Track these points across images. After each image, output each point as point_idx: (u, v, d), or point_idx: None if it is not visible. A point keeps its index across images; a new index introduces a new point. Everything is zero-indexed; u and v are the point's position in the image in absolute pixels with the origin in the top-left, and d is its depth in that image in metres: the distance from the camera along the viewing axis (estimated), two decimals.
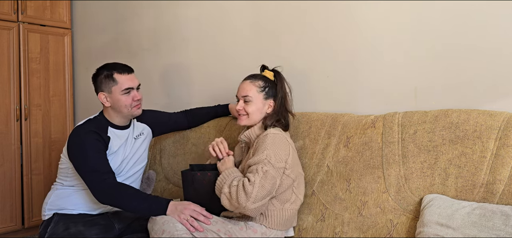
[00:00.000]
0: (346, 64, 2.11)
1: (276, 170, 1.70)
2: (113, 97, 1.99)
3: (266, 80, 1.89)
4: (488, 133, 1.60)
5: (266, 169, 1.67)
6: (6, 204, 2.96)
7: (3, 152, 2.95)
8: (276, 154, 1.71)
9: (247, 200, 1.62)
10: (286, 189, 1.78)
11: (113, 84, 1.98)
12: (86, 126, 1.99)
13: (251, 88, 1.87)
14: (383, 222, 1.73)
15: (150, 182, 2.35)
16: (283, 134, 1.81)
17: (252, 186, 1.63)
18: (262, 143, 1.74)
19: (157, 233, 1.70)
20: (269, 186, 1.67)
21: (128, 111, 2.02)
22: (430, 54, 1.88)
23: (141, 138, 2.16)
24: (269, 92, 1.88)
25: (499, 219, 1.43)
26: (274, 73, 1.92)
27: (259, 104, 1.86)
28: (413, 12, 1.91)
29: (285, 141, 1.78)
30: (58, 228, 1.94)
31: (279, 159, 1.72)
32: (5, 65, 2.95)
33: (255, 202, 1.63)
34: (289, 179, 1.77)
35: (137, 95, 2.02)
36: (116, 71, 1.99)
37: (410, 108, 1.91)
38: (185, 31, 2.73)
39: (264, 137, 1.75)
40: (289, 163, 1.76)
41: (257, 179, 1.64)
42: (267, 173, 1.66)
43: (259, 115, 1.87)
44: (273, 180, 1.68)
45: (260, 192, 1.64)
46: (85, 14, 3.32)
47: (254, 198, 1.63)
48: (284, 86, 1.91)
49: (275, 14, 2.33)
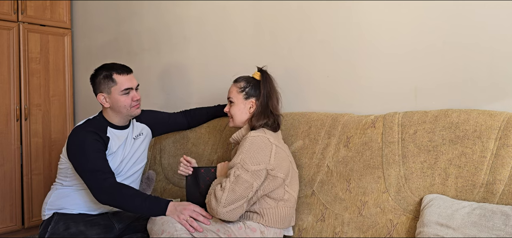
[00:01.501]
0: (346, 64, 2.11)
1: (251, 174, 1.69)
2: (112, 98, 1.99)
3: (249, 81, 1.89)
4: (488, 133, 1.60)
5: (238, 173, 1.68)
6: (6, 204, 2.96)
7: (3, 152, 2.95)
8: (252, 157, 1.71)
9: (218, 205, 1.67)
10: (277, 187, 1.78)
11: (112, 84, 1.98)
12: (85, 126, 1.99)
13: (233, 90, 1.90)
14: (383, 222, 1.73)
15: (150, 182, 2.35)
16: (265, 135, 1.77)
17: (222, 191, 1.67)
18: (240, 147, 1.75)
19: (157, 233, 1.70)
20: (241, 190, 1.67)
21: (127, 111, 2.02)
22: (430, 54, 1.88)
23: (141, 138, 2.16)
24: (249, 92, 1.87)
25: (499, 219, 1.43)
26: (259, 72, 1.91)
27: (240, 105, 1.87)
28: (413, 12, 1.91)
29: (265, 142, 1.75)
30: (58, 227, 1.94)
31: (256, 162, 1.71)
32: (5, 65, 2.95)
33: (225, 206, 1.66)
34: (278, 178, 1.77)
35: (136, 95, 2.02)
36: (115, 72, 1.99)
37: (410, 108, 1.91)
38: (185, 31, 2.73)
39: (243, 140, 1.76)
40: (272, 164, 1.74)
41: (227, 184, 1.68)
42: (238, 178, 1.68)
43: (242, 116, 1.88)
44: (245, 183, 1.68)
45: (230, 196, 1.66)
46: (85, 14, 3.32)
47: (224, 202, 1.66)
48: (269, 85, 1.88)
49: (275, 14, 2.33)
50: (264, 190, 1.75)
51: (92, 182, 1.88)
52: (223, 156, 2.29)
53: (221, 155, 2.31)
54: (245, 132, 1.86)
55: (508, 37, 1.71)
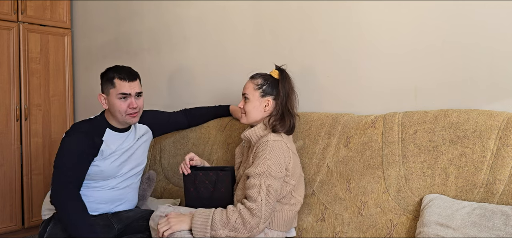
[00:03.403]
0: (346, 64, 2.11)
1: (277, 181, 1.67)
2: (109, 101, 1.99)
3: (267, 79, 1.84)
4: (488, 133, 1.60)
5: (268, 183, 1.63)
6: (6, 204, 2.96)
7: (3, 152, 2.95)
8: (276, 163, 1.68)
9: (259, 223, 1.60)
10: (286, 193, 1.77)
11: (111, 87, 1.97)
12: (81, 126, 2.00)
13: (249, 86, 1.85)
14: (383, 222, 1.73)
15: (150, 182, 2.35)
16: (283, 140, 1.75)
17: (259, 206, 1.59)
18: (263, 152, 1.69)
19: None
20: (273, 200, 1.65)
21: (122, 117, 1.99)
22: (430, 54, 1.88)
23: (142, 139, 2.16)
24: (266, 90, 1.82)
25: (499, 219, 1.43)
26: (278, 71, 1.86)
27: (256, 103, 1.82)
28: (413, 12, 1.91)
29: (284, 148, 1.73)
30: (57, 228, 1.94)
31: (280, 168, 1.68)
32: (5, 65, 2.95)
33: (265, 221, 1.62)
34: (289, 185, 1.75)
35: (133, 103, 1.97)
36: (118, 76, 1.97)
37: (410, 108, 1.91)
38: (185, 31, 2.73)
39: (264, 145, 1.71)
40: (290, 170, 1.73)
41: (262, 197, 1.60)
42: (270, 188, 1.63)
43: (257, 114, 1.83)
44: (275, 193, 1.66)
45: (267, 210, 1.62)
46: (85, 14, 3.32)
47: (264, 217, 1.60)
48: (288, 85, 1.84)
49: (276, 14, 2.33)
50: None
51: (55, 178, 1.89)
52: (223, 155, 2.29)
53: (221, 155, 2.31)
54: (260, 132, 1.79)
55: (508, 37, 1.71)
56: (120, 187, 2.08)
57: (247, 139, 1.84)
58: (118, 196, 2.08)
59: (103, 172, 2.00)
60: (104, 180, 2.02)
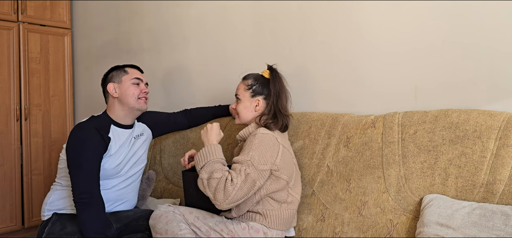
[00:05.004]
0: (346, 64, 2.11)
1: (258, 172, 1.67)
2: (121, 87, 2.04)
3: (257, 79, 1.87)
4: (488, 133, 1.60)
5: (248, 171, 1.65)
6: (6, 204, 2.96)
7: (3, 152, 2.95)
8: (260, 155, 1.69)
9: (225, 200, 1.61)
10: (281, 189, 1.77)
11: (124, 74, 2.07)
12: (89, 123, 2.00)
13: (240, 87, 1.89)
14: (383, 222, 1.73)
15: (150, 182, 2.35)
16: (273, 134, 1.76)
17: (233, 187, 1.62)
18: (250, 143, 1.72)
19: (160, 232, 1.70)
20: (247, 189, 1.65)
21: (135, 102, 2.04)
22: (430, 54, 1.88)
23: (141, 139, 2.17)
24: (256, 90, 1.85)
25: (499, 219, 1.43)
26: (269, 70, 1.89)
27: (247, 103, 1.86)
28: (413, 12, 1.91)
29: (274, 141, 1.74)
30: (55, 227, 1.94)
31: (264, 161, 1.69)
32: (5, 65, 2.95)
33: (230, 203, 1.63)
34: (281, 180, 1.76)
35: (145, 88, 2.09)
36: (129, 66, 2.12)
37: (410, 108, 1.91)
38: (185, 31, 2.73)
39: (252, 137, 1.74)
40: (278, 164, 1.73)
41: (239, 181, 1.63)
42: (248, 176, 1.65)
43: (248, 114, 1.87)
44: (252, 183, 1.66)
45: (237, 194, 1.63)
46: (85, 14, 3.32)
47: (231, 199, 1.62)
48: (278, 84, 1.86)
49: (275, 14, 2.33)
50: (267, 189, 1.74)
51: (79, 179, 1.88)
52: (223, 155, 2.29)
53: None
54: (252, 129, 1.83)
55: (508, 37, 1.71)
56: (121, 187, 2.08)
57: (241, 138, 1.88)
58: (118, 196, 2.08)
59: (105, 170, 2.00)
60: (104, 179, 2.02)
